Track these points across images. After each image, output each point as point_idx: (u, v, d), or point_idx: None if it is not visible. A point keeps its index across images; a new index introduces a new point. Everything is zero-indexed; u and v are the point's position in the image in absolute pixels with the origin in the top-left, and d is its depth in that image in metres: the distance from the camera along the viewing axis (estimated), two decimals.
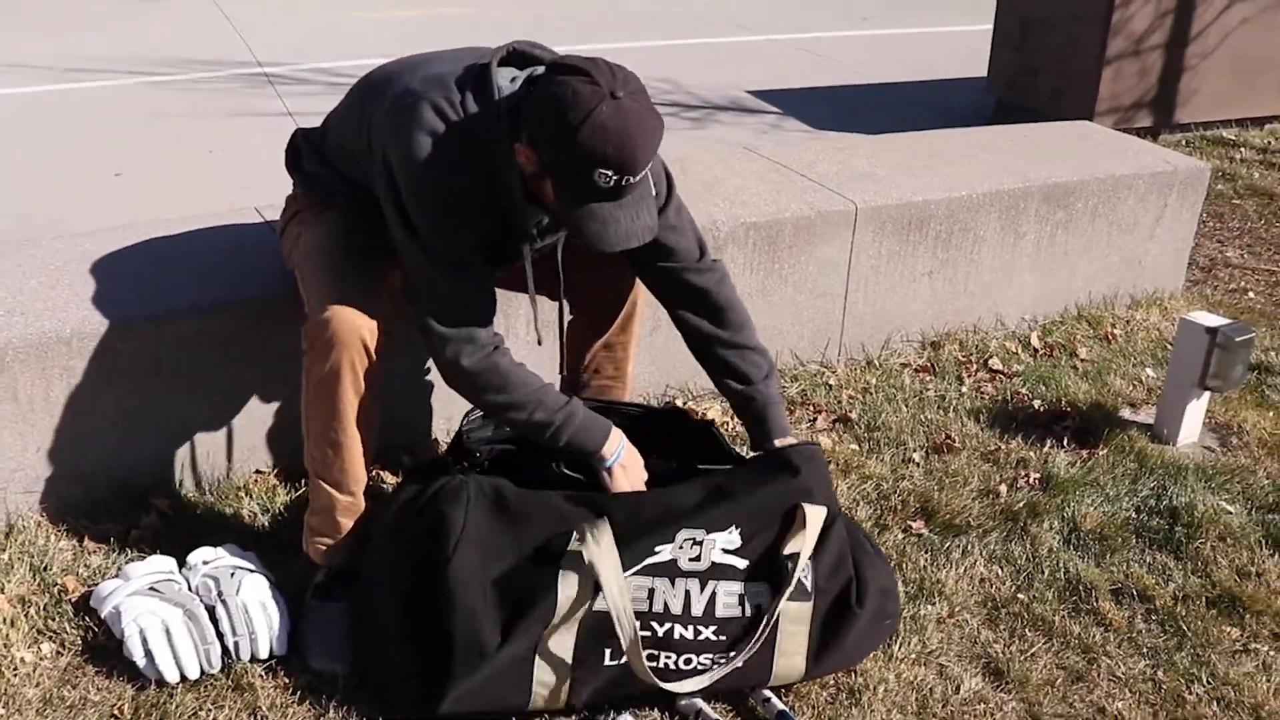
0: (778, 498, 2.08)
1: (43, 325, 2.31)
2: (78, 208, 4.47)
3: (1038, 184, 3.37)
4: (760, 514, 2.06)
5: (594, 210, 1.89)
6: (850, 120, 6.00)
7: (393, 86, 2.05)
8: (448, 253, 2.02)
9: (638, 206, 1.93)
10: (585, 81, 1.83)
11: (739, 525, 2.03)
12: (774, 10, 9.08)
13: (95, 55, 6.92)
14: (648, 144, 1.87)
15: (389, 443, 2.65)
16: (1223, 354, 2.87)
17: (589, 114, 1.81)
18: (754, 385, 2.26)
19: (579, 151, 1.83)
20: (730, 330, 2.28)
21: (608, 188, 1.86)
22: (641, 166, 1.87)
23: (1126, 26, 5.51)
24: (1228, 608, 2.40)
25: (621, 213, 1.90)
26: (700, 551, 2.01)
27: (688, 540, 2.01)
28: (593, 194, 1.88)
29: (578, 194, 1.89)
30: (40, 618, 2.17)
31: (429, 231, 2.00)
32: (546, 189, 1.94)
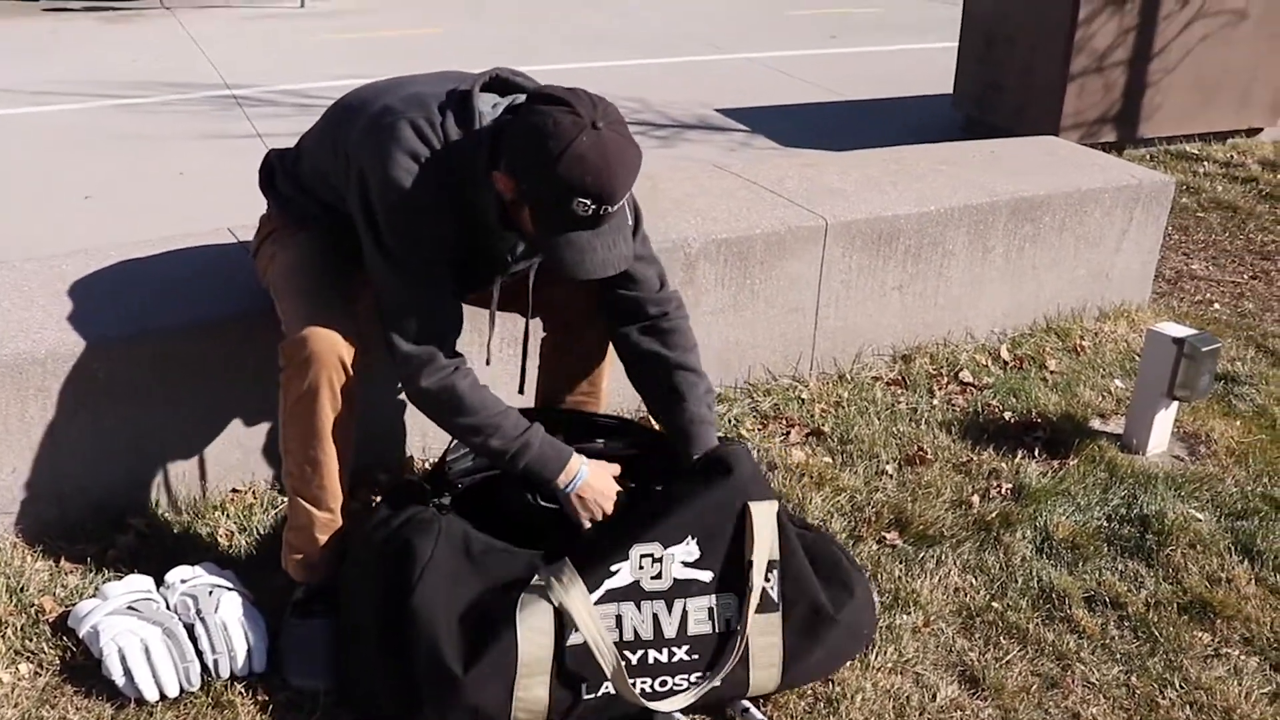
0: (724, 500, 2.07)
1: (17, 346, 2.30)
2: (48, 231, 4.46)
3: (1005, 198, 3.42)
4: (712, 520, 2.05)
5: (571, 239, 1.91)
6: (819, 137, 6.06)
7: (370, 106, 2.06)
8: (418, 272, 2.03)
9: (614, 235, 1.95)
10: (566, 112, 1.85)
11: (693, 535, 2.03)
12: (742, 29, 9.16)
13: (61, 79, 6.89)
14: (627, 175, 1.89)
15: (365, 460, 2.65)
16: (1190, 364, 2.91)
17: (569, 144, 1.83)
18: (691, 403, 2.26)
19: (558, 181, 1.84)
20: (678, 352, 2.29)
21: (586, 216, 1.88)
22: (620, 197, 1.89)
23: (1089, 43, 5.59)
24: (1199, 613, 2.43)
25: (599, 241, 1.92)
26: (660, 569, 2.01)
27: (645, 557, 2.01)
28: (571, 223, 1.89)
29: (556, 223, 1.90)
30: (18, 638, 2.16)
31: (400, 250, 2.01)
32: (524, 216, 1.96)
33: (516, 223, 2.00)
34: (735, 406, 3.12)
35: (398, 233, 2.00)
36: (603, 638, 1.95)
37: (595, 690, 1.97)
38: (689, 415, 2.24)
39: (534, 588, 1.95)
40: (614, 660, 1.94)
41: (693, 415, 2.24)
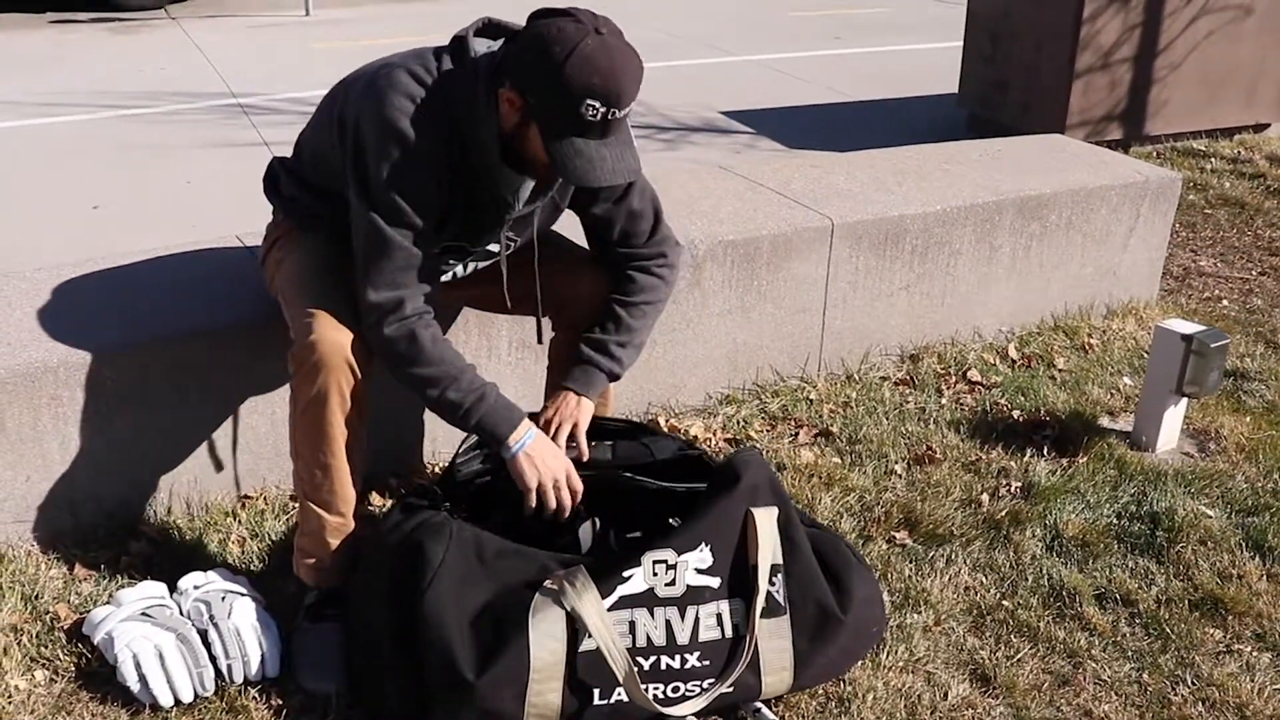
0: (730, 507, 2.08)
1: (30, 355, 2.32)
2: (57, 241, 4.47)
3: (1011, 197, 3.42)
4: (722, 526, 2.06)
5: (579, 147, 1.92)
6: (824, 138, 6.06)
7: (369, 69, 2.10)
8: (397, 216, 2.02)
9: (622, 148, 1.97)
10: (569, 20, 1.89)
11: (707, 542, 2.04)
12: (745, 31, 9.16)
13: (68, 89, 6.92)
14: (632, 80, 1.92)
15: (378, 465, 2.66)
16: (1198, 360, 2.91)
17: (575, 47, 1.86)
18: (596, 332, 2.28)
19: (567, 84, 1.87)
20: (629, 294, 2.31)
21: (594, 121, 1.90)
22: (627, 100, 1.91)
23: (1095, 40, 5.58)
24: (1210, 610, 2.43)
25: (607, 150, 1.94)
26: (674, 575, 2.02)
27: (659, 564, 2.01)
28: (579, 128, 1.91)
29: (564, 128, 1.91)
30: (33, 645, 2.18)
31: (383, 192, 2.01)
32: (529, 140, 1.97)
33: (521, 153, 2.01)
34: (744, 408, 3.12)
35: (384, 174, 2.00)
36: (615, 643, 1.95)
37: (608, 696, 1.97)
38: (585, 344, 2.27)
39: (547, 592, 1.96)
40: (626, 666, 1.94)
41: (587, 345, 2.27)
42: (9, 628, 2.22)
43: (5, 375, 2.27)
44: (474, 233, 2.19)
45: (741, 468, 2.12)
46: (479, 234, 2.20)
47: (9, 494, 2.36)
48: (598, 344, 2.27)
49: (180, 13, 9.63)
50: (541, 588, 1.96)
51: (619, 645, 1.95)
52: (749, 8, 10.36)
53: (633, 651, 1.99)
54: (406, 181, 2.01)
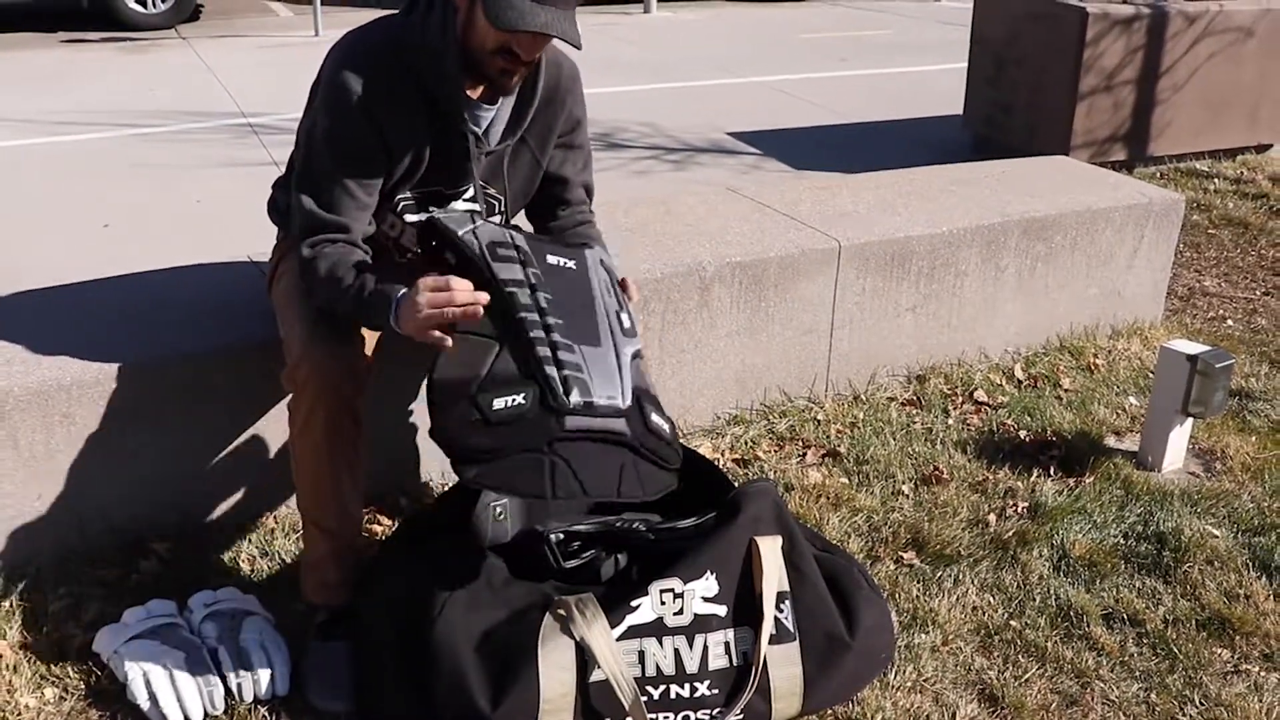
0: (735, 537, 2.10)
1: (43, 374, 2.34)
2: (68, 259, 4.50)
3: (1016, 218, 3.44)
4: (726, 556, 2.08)
5: (514, 1, 1.96)
6: (830, 159, 6.09)
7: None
8: (338, 144, 2.10)
9: (560, 14, 1.99)
10: None
11: (713, 570, 2.05)
12: (754, 54, 9.21)
13: (80, 108, 6.97)
14: None
15: (385, 485, 2.68)
16: (1204, 380, 2.92)
17: None
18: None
19: None
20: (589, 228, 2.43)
21: None
22: None
23: (1098, 62, 5.61)
24: (1218, 630, 2.44)
25: (541, 9, 1.97)
26: (682, 604, 2.02)
27: (666, 592, 2.02)
28: None
29: None
30: (43, 664, 2.19)
31: (331, 121, 2.09)
32: (476, 26, 2.02)
33: (475, 52, 2.06)
34: (752, 428, 3.14)
35: (333, 92, 2.09)
36: (623, 673, 1.95)
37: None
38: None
39: (556, 620, 1.96)
40: (633, 695, 1.95)
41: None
42: (19, 645, 2.23)
43: (19, 393, 2.29)
44: (446, 175, 2.22)
45: (744, 499, 2.15)
46: (451, 176, 2.22)
47: (20, 511, 2.37)
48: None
49: (191, 33, 9.69)
50: (549, 615, 1.96)
51: (627, 675, 1.96)
52: (758, 31, 10.42)
53: (642, 681, 1.99)
54: (353, 114, 2.08)
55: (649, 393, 2.08)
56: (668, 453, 2.04)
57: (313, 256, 2.11)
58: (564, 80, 2.27)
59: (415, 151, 2.15)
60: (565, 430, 1.91)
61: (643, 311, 2.90)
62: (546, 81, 2.22)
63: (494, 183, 2.27)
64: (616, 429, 1.96)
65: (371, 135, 2.10)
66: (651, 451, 2.00)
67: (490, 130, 2.21)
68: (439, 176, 2.20)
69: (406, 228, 2.26)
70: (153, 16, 9.63)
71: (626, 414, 1.98)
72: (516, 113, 2.21)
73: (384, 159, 2.14)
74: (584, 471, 1.91)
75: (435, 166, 2.18)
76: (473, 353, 1.95)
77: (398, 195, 2.21)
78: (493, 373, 1.93)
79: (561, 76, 2.26)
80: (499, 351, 1.96)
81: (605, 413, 1.95)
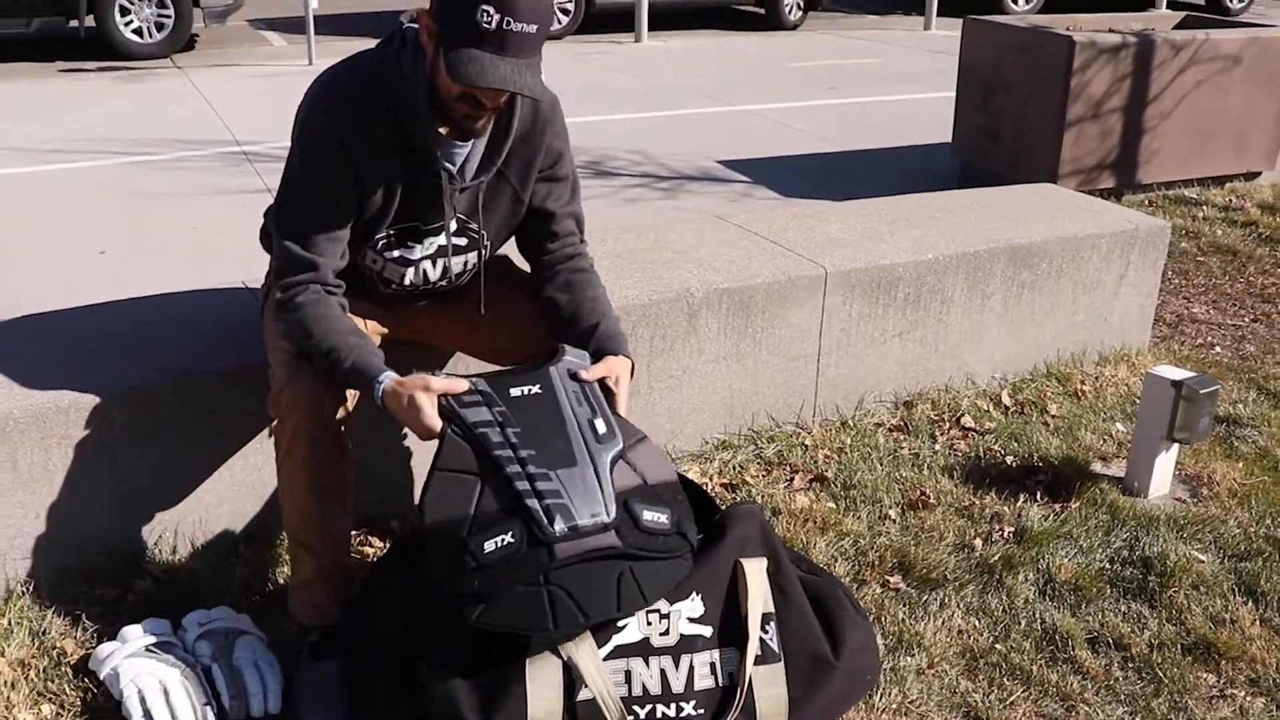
0: (720, 558, 2.12)
1: (42, 396, 2.36)
2: (64, 285, 4.52)
3: (1002, 245, 3.47)
4: (711, 577, 2.10)
5: (474, 55, 1.97)
6: (819, 187, 6.13)
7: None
8: (315, 180, 2.13)
9: (521, 66, 1.99)
10: None
11: (698, 591, 2.07)
12: (743, 83, 9.27)
13: (77, 136, 7.01)
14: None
15: (377, 507, 2.70)
16: (1188, 406, 2.95)
17: None
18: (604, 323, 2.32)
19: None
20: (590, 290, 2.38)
21: (490, 30, 1.94)
22: (524, 12, 1.95)
23: (1085, 90, 5.67)
24: (1203, 654, 2.45)
25: (502, 63, 1.98)
26: (668, 625, 2.04)
27: (652, 613, 2.04)
28: (475, 37, 1.96)
29: (461, 38, 1.97)
30: (40, 680, 2.21)
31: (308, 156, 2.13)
32: (441, 72, 2.04)
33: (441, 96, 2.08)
34: (739, 453, 3.16)
35: (305, 139, 2.13)
36: (610, 693, 1.97)
37: None
38: (602, 331, 2.31)
39: (543, 641, 1.98)
40: (619, 714, 1.96)
41: (605, 331, 2.31)
42: (17, 663, 2.25)
43: (18, 415, 2.32)
44: (421, 210, 2.24)
45: (730, 521, 2.17)
46: (425, 211, 2.24)
47: (19, 531, 2.39)
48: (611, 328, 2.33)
49: (186, 62, 9.75)
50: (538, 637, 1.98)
51: (614, 695, 1.97)
52: (748, 60, 10.50)
53: (629, 701, 2.00)
54: (328, 151, 2.12)
55: (643, 487, 2.08)
56: (670, 544, 2.06)
57: (286, 301, 2.14)
58: (542, 114, 2.27)
59: (388, 187, 2.17)
60: (557, 560, 1.95)
61: (631, 337, 2.92)
62: (523, 115, 2.23)
63: (473, 217, 2.29)
64: (606, 544, 1.99)
65: (344, 169, 2.13)
66: (650, 550, 2.03)
67: (465, 166, 2.22)
68: (414, 212, 2.22)
69: (387, 263, 2.29)
70: (149, 46, 9.68)
71: (615, 525, 2.00)
72: (492, 148, 2.22)
73: (357, 193, 2.16)
74: (582, 595, 1.95)
75: (409, 202, 2.21)
76: (457, 492, 2.00)
77: (375, 234, 2.23)
78: (479, 513, 1.98)
79: (539, 111, 2.26)
80: (481, 489, 2.00)
81: (591, 531, 1.99)
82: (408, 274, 2.31)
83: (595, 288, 2.37)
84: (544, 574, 1.94)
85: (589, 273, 2.39)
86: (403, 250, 2.28)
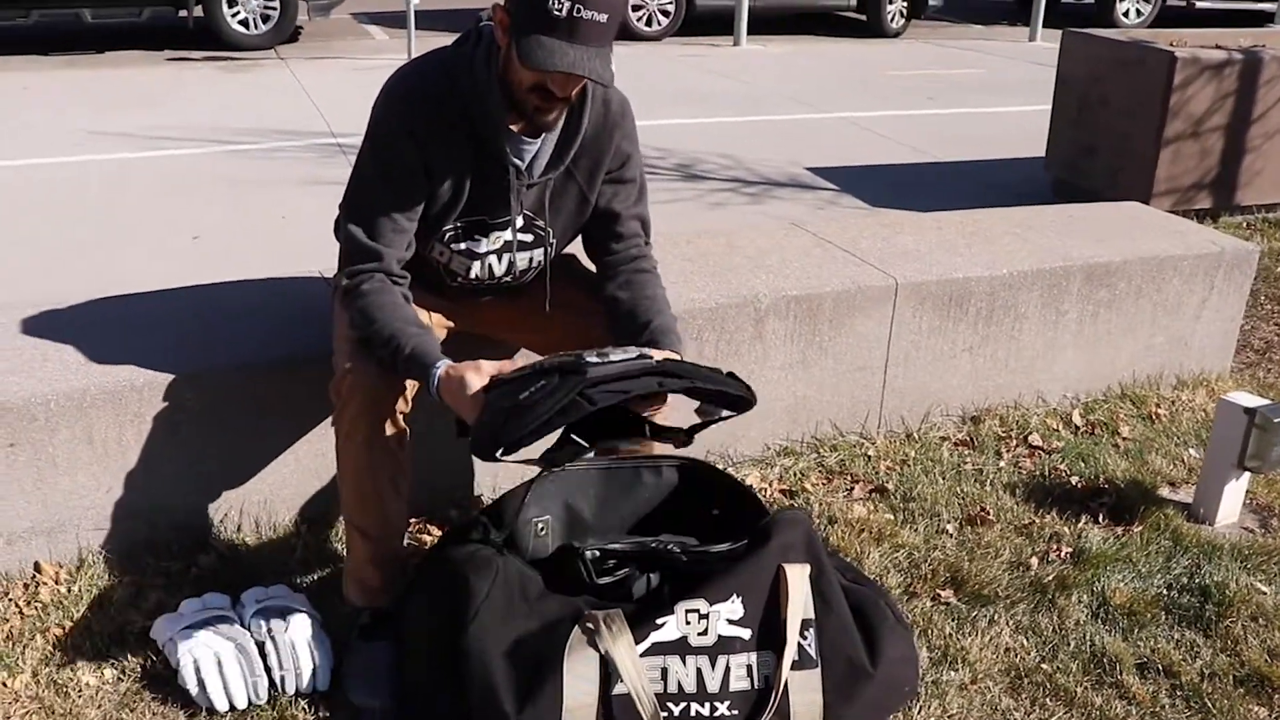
0: (763, 563, 2.14)
1: (119, 375, 2.47)
2: (156, 269, 4.70)
3: (1079, 263, 3.43)
4: (753, 581, 2.12)
5: (544, 40, 2.02)
6: (906, 198, 6.10)
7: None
8: (387, 169, 2.20)
9: (590, 53, 2.04)
10: None
11: (739, 594, 2.10)
12: (839, 90, 9.24)
13: (179, 124, 7.25)
14: None
15: (437, 498, 2.77)
16: (1261, 434, 2.89)
17: None
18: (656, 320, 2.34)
19: None
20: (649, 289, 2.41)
21: (560, 17, 1.99)
22: (595, 2, 2.00)
23: (1185, 108, 5.55)
24: (1256, 687, 2.41)
25: (571, 49, 2.02)
26: (706, 625, 2.07)
27: (691, 612, 2.07)
28: (546, 23, 2.01)
29: (532, 24, 2.02)
30: (105, 645, 2.33)
31: (378, 147, 2.20)
32: (514, 64, 2.09)
33: (512, 88, 2.13)
34: (801, 460, 3.17)
35: (380, 130, 2.20)
36: (645, 689, 2.00)
37: None
38: (656, 326, 2.33)
39: (584, 633, 2.02)
40: (653, 710, 2.00)
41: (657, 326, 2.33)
42: (85, 628, 2.37)
43: (95, 391, 2.43)
44: (488, 205, 2.29)
45: (775, 526, 2.19)
46: (493, 206, 2.30)
47: (92, 503, 2.50)
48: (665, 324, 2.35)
49: (289, 54, 10.01)
50: (578, 628, 2.02)
51: (648, 691, 2.01)
52: (847, 67, 10.46)
53: (663, 697, 2.04)
54: (401, 143, 2.19)
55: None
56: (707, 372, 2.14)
57: (351, 288, 2.21)
58: (612, 115, 2.32)
59: (457, 181, 2.23)
60: (589, 377, 2.01)
61: (697, 341, 2.96)
62: (593, 116, 2.28)
63: (540, 214, 2.35)
64: (638, 362, 2.06)
65: (415, 162, 2.19)
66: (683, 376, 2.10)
67: (534, 163, 2.27)
68: (482, 206, 2.28)
69: (454, 256, 2.35)
70: (254, 37, 9.97)
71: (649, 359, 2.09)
72: (561, 146, 2.27)
73: (425, 185, 2.23)
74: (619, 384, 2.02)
75: (477, 196, 2.26)
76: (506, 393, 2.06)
77: (443, 225, 2.29)
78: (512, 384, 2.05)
79: (609, 111, 2.31)
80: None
81: (622, 358, 2.07)
82: (474, 267, 2.37)
83: (654, 287, 2.40)
84: (579, 391, 1.99)
85: (651, 274, 2.43)
86: (469, 243, 2.34)
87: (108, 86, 8.45)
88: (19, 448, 2.39)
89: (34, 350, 2.55)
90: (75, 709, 2.17)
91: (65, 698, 2.20)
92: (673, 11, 11.48)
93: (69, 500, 2.48)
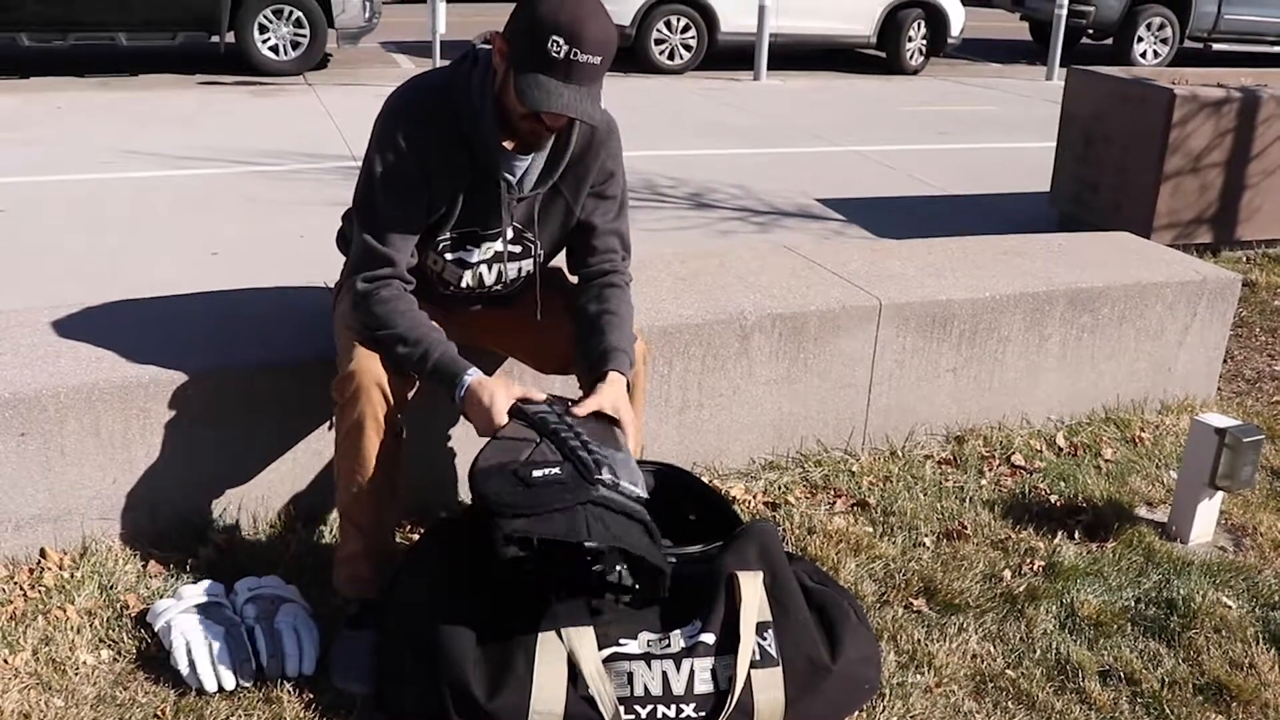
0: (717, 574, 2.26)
1: (126, 371, 2.61)
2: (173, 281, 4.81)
3: (1062, 288, 3.52)
4: (709, 595, 2.24)
5: (541, 80, 2.15)
6: (913, 229, 6.17)
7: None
8: (392, 181, 2.31)
9: (584, 95, 2.18)
10: None
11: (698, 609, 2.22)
12: (853, 123, 9.36)
13: (206, 145, 7.44)
14: (599, 28, 2.15)
15: (426, 500, 2.88)
16: (1231, 454, 2.97)
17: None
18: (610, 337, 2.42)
19: (537, 20, 2.13)
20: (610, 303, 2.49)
21: (558, 59, 2.13)
22: (590, 45, 2.13)
23: (1185, 144, 5.64)
24: (1215, 696, 2.48)
25: (567, 90, 2.15)
26: (669, 641, 2.19)
27: (653, 640, 2.19)
28: (543, 64, 2.14)
29: (531, 63, 2.15)
30: (103, 628, 2.45)
31: (382, 160, 2.31)
32: (509, 89, 2.22)
33: (508, 112, 2.26)
34: (786, 474, 3.26)
35: (384, 144, 2.31)
36: (605, 691, 2.11)
37: None
38: (606, 343, 2.42)
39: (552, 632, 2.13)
40: (613, 712, 2.10)
41: (609, 343, 2.42)
42: (84, 611, 2.49)
43: (104, 387, 2.56)
44: (481, 217, 2.42)
45: (738, 537, 2.32)
46: (484, 215, 2.42)
47: (97, 493, 2.63)
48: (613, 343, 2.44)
49: (317, 80, 10.23)
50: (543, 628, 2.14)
51: (609, 691, 2.11)
52: (863, 102, 10.58)
53: (630, 700, 2.14)
54: (403, 156, 2.31)
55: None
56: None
57: (370, 293, 2.34)
58: (599, 135, 2.44)
59: (453, 193, 2.36)
60: (598, 494, 2.12)
61: (683, 355, 3.07)
62: (581, 135, 2.41)
63: (529, 226, 2.47)
64: (637, 505, 2.17)
65: (414, 173, 2.32)
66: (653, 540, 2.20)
67: (524, 178, 2.40)
68: (475, 217, 2.41)
69: (447, 264, 2.47)
70: (284, 63, 10.19)
71: (644, 504, 2.19)
72: (550, 163, 2.40)
73: (426, 195, 2.36)
74: (614, 525, 2.12)
75: (471, 208, 2.39)
76: (513, 446, 2.19)
77: (438, 235, 2.42)
78: (531, 458, 2.17)
79: (596, 132, 2.43)
80: (538, 444, 2.19)
81: (629, 495, 2.17)
82: (465, 276, 2.49)
83: (619, 303, 2.50)
84: (585, 502, 2.10)
85: (620, 289, 2.53)
86: (462, 253, 2.46)
87: (140, 107, 8.68)
88: (29, 437, 2.52)
89: (49, 346, 2.69)
90: (71, 685, 2.29)
91: (63, 675, 2.32)
92: (695, 46, 11.66)
93: (75, 489, 2.60)
